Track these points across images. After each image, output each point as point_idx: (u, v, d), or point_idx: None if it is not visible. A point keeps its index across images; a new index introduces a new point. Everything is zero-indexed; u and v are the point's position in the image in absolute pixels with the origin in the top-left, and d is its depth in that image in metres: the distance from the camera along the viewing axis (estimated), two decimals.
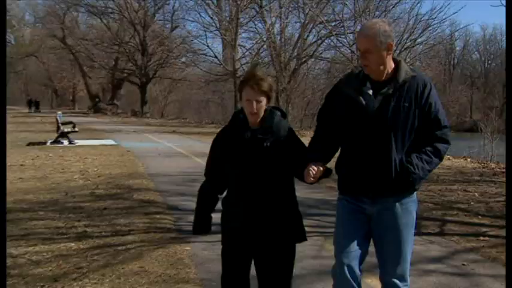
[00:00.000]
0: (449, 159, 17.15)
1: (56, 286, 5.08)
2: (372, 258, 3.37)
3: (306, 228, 7.53)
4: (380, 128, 2.96)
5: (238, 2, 36.31)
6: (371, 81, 3.03)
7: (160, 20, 59.71)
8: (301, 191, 12.04)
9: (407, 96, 2.97)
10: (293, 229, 3.30)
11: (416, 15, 25.41)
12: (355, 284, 3.05)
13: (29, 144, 20.65)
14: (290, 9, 37.92)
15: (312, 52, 38.76)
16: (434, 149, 3.04)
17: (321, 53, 39.49)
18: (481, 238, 6.73)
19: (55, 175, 12.73)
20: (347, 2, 30.98)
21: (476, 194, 10.26)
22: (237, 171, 3.21)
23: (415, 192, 3.19)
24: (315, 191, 10.85)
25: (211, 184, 3.43)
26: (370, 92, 3.00)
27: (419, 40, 25.75)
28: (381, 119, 2.95)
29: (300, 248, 6.31)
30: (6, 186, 3.62)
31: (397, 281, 3.11)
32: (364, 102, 2.98)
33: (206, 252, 6.22)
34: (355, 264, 3.07)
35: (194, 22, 47.68)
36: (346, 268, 3.04)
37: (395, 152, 2.96)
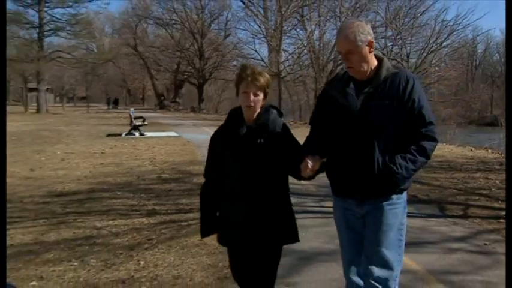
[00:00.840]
0: (471, 150, 16.77)
1: (132, 254, 5.25)
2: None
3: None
4: (362, 127, 2.61)
5: (282, 12, 36.07)
6: (354, 81, 2.71)
7: (215, 29, 59.85)
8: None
9: (389, 93, 2.61)
10: (287, 231, 2.97)
11: (442, 21, 24.75)
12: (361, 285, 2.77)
13: (108, 135, 21.06)
14: (328, 17, 37.39)
15: None
16: (419, 147, 2.61)
17: None
18: (502, 221, 6.46)
19: (129, 161, 13.01)
20: (379, 11, 30.46)
21: (497, 181, 9.91)
22: (232, 166, 2.92)
23: (404, 194, 2.78)
24: None
25: (212, 184, 3.08)
26: (353, 92, 2.67)
27: (444, 44, 25.07)
28: (363, 119, 2.61)
29: (333, 227, 6.38)
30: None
31: (376, 284, 2.64)
32: (346, 103, 2.66)
33: None
34: (355, 272, 2.81)
35: (244, 30, 47.50)
36: (354, 276, 2.80)
37: (378, 152, 2.60)
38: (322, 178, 2.95)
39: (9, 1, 44.75)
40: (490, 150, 17.01)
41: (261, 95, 2.86)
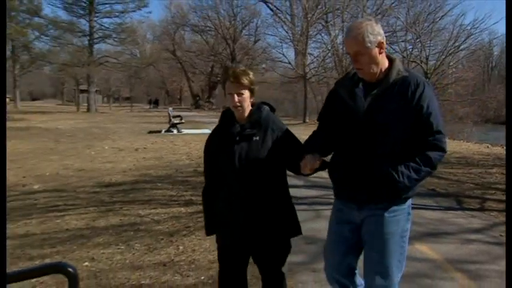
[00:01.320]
0: (488, 147, 16.41)
1: (172, 240, 5.31)
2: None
3: None
4: (367, 129, 2.34)
5: (308, 19, 35.83)
6: (364, 82, 2.43)
7: (246, 35, 59.90)
8: None
9: (397, 97, 2.31)
10: (288, 224, 2.75)
11: (460, 25, 24.22)
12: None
13: (149, 132, 21.19)
14: (350, 22, 37.08)
15: None
16: (424, 156, 2.29)
17: None
18: None
19: (168, 156, 13.08)
20: (399, 16, 30.05)
21: None
22: (229, 166, 2.66)
23: (408, 202, 2.47)
24: None
25: (212, 186, 2.85)
26: (361, 93, 2.40)
27: (462, 46, 24.57)
28: (369, 121, 2.33)
29: None
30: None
31: None
32: (353, 104, 2.39)
33: None
34: (344, 279, 2.58)
35: (273, 36, 47.62)
36: (335, 282, 2.60)
37: (381, 156, 2.32)
38: None
39: (63, 12, 45.88)
40: (505, 147, 16.51)
41: (246, 93, 2.65)
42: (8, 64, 47.32)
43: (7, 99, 54.97)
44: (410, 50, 27.55)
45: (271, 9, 45.41)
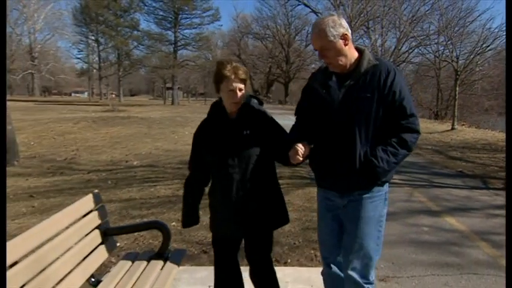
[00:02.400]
0: None
1: None
2: None
3: (400, 182, 7.37)
4: (343, 120, 2.04)
5: (352, 25, 34.97)
6: (336, 74, 2.10)
7: (298, 40, 59.19)
8: None
9: (369, 85, 2.01)
10: (279, 215, 2.44)
11: (489, 29, 22.67)
12: (340, 273, 2.28)
13: None
14: (389, 28, 35.98)
15: (404, 58, 36.61)
16: (400, 139, 2.04)
17: (411, 59, 37.09)
18: None
19: None
20: (433, 21, 28.66)
21: None
22: (219, 160, 2.28)
23: (385, 187, 2.17)
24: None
25: (196, 176, 2.47)
26: (335, 85, 2.08)
27: (489, 47, 23.09)
28: (345, 111, 2.04)
29: (394, 194, 6.19)
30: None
31: (354, 274, 2.10)
32: (328, 96, 2.08)
33: None
34: (335, 258, 2.29)
35: None
36: (331, 267, 2.30)
37: (359, 144, 2.03)
38: None
39: (155, 25, 47.36)
40: None
41: (244, 87, 2.28)
42: (114, 68, 49.76)
43: (113, 95, 57.85)
44: (442, 50, 26.23)
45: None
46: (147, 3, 46.97)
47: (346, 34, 2.02)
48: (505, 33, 24.93)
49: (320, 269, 3.14)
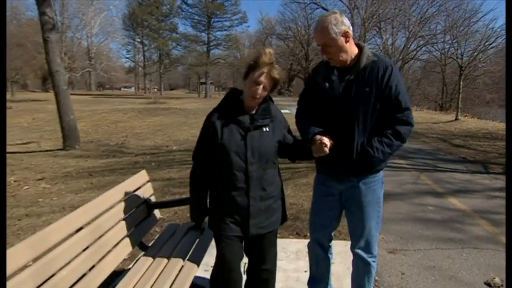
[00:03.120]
0: None
1: None
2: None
3: (407, 166, 7.20)
4: (344, 112, 1.94)
5: (366, 26, 34.10)
6: (338, 68, 1.99)
7: None
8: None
9: (368, 80, 1.91)
10: (283, 213, 2.13)
11: (492, 28, 21.65)
12: (324, 254, 2.24)
13: None
14: (399, 28, 34.96)
15: (412, 56, 35.48)
16: (395, 131, 1.93)
17: (419, 56, 35.91)
18: None
19: None
20: (440, 22, 27.59)
21: None
22: (236, 157, 1.90)
23: (381, 173, 2.09)
24: (414, 141, 10.11)
25: (201, 168, 2.02)
26: (337, 79, 1.97)
27: (492, 45, 22.06)
28: (344, 104, 1.94)
29: (403, 177, 6.06)
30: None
31: (361, 252, 2.09)
32: (328, 88, 1.97)
33: None
34: (324, 240, 2.22)
35: None
36: (316, 243, 2.24)
37: (357, 135, 1.94)
38: None
39: (191, 28, 47.67)
40: None
41: (269, 89, 1.94)
42: (157, 66, 50.37)
43: (155, 89, 58.62)
44: (448, 48, 25.27)
45: None
46: (185, 9, 47.33)
47: (347, 32, 1.91)
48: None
49: (335, 242, 3.10)
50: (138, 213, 2.46)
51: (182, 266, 2.12)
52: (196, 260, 2.23)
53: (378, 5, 34.40)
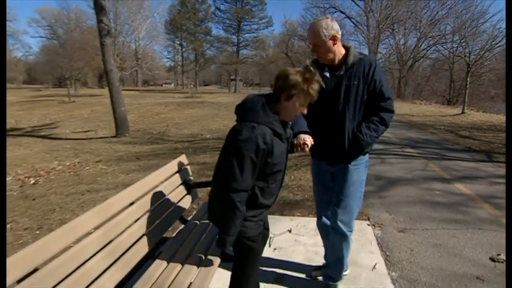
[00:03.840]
0: None
1: (286, 172, 5.33)
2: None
3: (417, 155, 6.98)
4: (335, 103, 1.95)
5: (380, 28, 32.83)
6: (328, 66, 1.99)
7: None
8: (412, 132, 10.93)
9: (356, 75, 1.92)
10: None
11: (499, 28, 20.31)
12: (328, 222, 2.19)
13: None
14: (411, 30, 33.55)
15: (423, 55, 33.95)
16: (380, 118, 1.95)
17: (428, 55, 34.31)
18: None
19: None
20: (449, 23, 26.17)
21: None
22: (282, 170, 1.67)
23: (366, 156, 2.09)
24: (423, 132, 9.74)
25: (247, 191, 1.57)
26: (328, 75, 1.97)
27: (498, 44, 20.71)
28: (337, 96, 1.94)
29: (412, 164, 5.86)
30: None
31: (341, 225, 2.07)
32: (323, 84, 1.84)
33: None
34: (325, 213, 2.21)
35: (354, 40, 44.18)
36: (324, 220, 2.22)
37: (348, 123, 1.95)
38: (405, 133, 2.55)
39: (222, 31, 47.73)
40: None
41: None
42: (193, 64, 50.75)
43: (191, 85, 59.25)
44: (456, 47, 23.98)
45: (354, 23, 42.29)
46: (218, 14, 47.26)
47: (335, 35, 1.91)
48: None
49: None
50: (178, 191, 2.51)
51: (216, 237, 2.15)
52: None
53: (392, 8, 33.02)
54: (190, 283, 1.71)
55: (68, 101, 21.47)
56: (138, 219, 1.92)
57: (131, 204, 1.92)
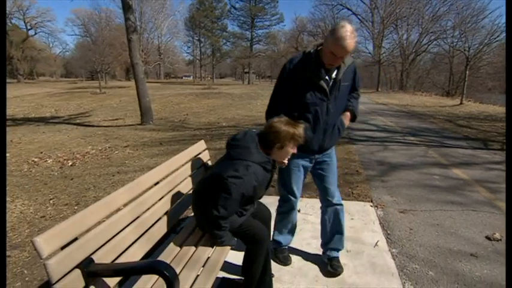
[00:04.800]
0: None
1: None
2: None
3: (417, 142, 6.86)
4: (330, 99, 1.92)
5: (384, 23, 31.74)
6: (324, 67, 1.89)
7: None
8: (413, 121, 10.66)
9: (348, 77, 1.98)
10: None
11: (498, 24, 19.37)
12: (294, 205, 2.20)
13: None
14: (413, 25, 32.31)
15: (424, 49, 32.76)
16: (356, 96, 2.11)
17: (430, 49, 33.12)
18: None
19: None
20: (450, 19, 25.12)
21: None
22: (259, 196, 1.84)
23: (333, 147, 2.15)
24: (424, 122, 9.49)
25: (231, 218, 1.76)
26: (327, 77, 1.91)
27: (497, 39, 19.77)
28: (332, 94, 1.92)
29: (413, 151, 5.74)
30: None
31: (338, 201, 2.14)
32: (320, 84, 1.89)
33: (363, 149, 5.95)
34: (298, 195, 2.17)
35: (359, 36, 43.08)
36: (293, 196, 2.15)
37: (339, 118, 2.02)
38: (407, 122, 2.46)
39: (237, 27, 47.06)
40: None
41: None
42: (210, 59, 50.47)
43: (208, 77, 59.08)
44: (456, 42, 23.03)
45: (359, 19, 41.01)
46: (233, 12, 46.69)
47: None
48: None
49: (355, 202, 3.05)
50: (198, 173, 2.51)
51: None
52: None
53: (396, 5, 31.86)
54: (208, 258, 1.72)
55: (99, 92, 21.77)
56: (162, 197, 1.94)
57: (156, 184, 1.94)
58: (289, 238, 2.34)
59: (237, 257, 2.20)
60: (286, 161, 1.82)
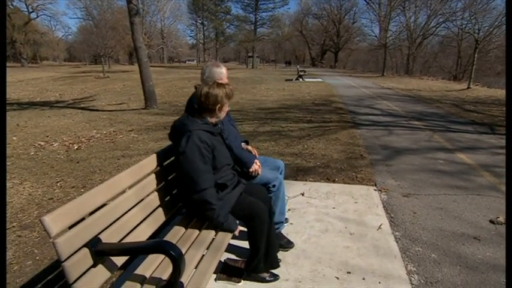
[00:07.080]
0: None
1: (300, 142, 5.22)
2: None
3: (423, 127, 6.79)
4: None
5: (391, 6, 30.76)
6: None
7: (347, 18, 53.82)
8: (419, 106, 10.46)
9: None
10: None
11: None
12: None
13: (286, 80, 20.56)
14: (421, 7, 31.24)
15: (432, 32, 31.83)
16: None
17: (438, 32, 32.17)
18: None
19: (297, 94, 12.68)
20: (460, 0, 24.20)
21: None
22: (230, 166, 1.91)
23: None
24: (429, 106, 9.34)
25: (213, 191, 1.74)
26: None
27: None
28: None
29: (418, 136, 5.68)
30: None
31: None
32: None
33: (368, 133, 5.90)
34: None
35: (365, 19, 42.01)
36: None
37: None
38: (412, 107, 2.41)
39: (241, 10, 46.01)
40: None
41: None
42: (213, 42, 49.66)
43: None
44: (466, 24, 22.28)
45: (366, 1, 39.75)
46: None
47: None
48: None
49: (359, 186, 3.03)
50: None
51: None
52: None
53: None
54: (213, 239, 1.74)
55: (103, 77, 21.66)
56: (168, 179, 1.94)
57: (158, 166, 1.93)
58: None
59: (241, 240, 2.23)
60: (258, 169, 2.04)
